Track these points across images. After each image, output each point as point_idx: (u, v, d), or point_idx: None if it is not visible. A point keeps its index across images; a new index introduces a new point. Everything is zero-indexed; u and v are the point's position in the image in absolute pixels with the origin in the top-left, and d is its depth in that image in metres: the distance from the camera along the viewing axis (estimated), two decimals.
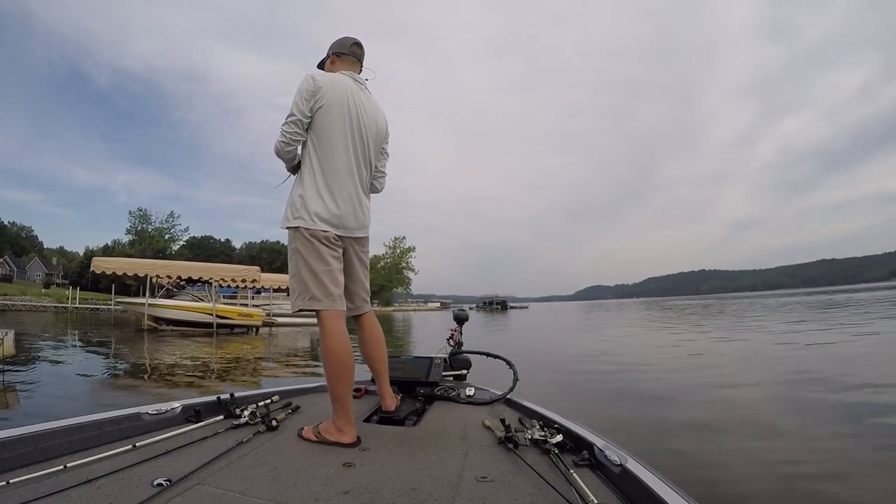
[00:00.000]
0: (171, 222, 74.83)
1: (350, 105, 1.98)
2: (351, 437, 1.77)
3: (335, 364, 1.84)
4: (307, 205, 1.90)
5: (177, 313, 17.79)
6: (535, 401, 2.26)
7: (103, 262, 18.08)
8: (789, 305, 30.09)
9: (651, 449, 3.56)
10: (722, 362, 8.05)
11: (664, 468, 1.35)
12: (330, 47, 2.19)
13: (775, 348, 9.31)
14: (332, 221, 1.92)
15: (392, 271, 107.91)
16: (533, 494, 1.32)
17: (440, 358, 2.71)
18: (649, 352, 10.15)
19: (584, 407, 5.12)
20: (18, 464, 1.42)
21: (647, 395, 5.63)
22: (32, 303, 34.91)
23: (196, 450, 1.63)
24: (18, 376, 6.86)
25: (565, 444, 1.67)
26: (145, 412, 1.88)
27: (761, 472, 3.12)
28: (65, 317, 27.84)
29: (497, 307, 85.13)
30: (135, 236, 72.39)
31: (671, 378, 6.63)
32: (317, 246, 1.90)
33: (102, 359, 9.77)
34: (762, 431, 4.01)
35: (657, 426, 4.27)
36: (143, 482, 1.34)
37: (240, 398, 2.15)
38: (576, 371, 7.68)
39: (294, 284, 1.93)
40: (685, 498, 1.16)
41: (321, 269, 1.89)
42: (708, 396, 5.44)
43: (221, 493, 1.30)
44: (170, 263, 19.73)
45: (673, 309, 35.67)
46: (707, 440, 3.85)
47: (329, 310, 1.89)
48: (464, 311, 3.44)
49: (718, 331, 14.38)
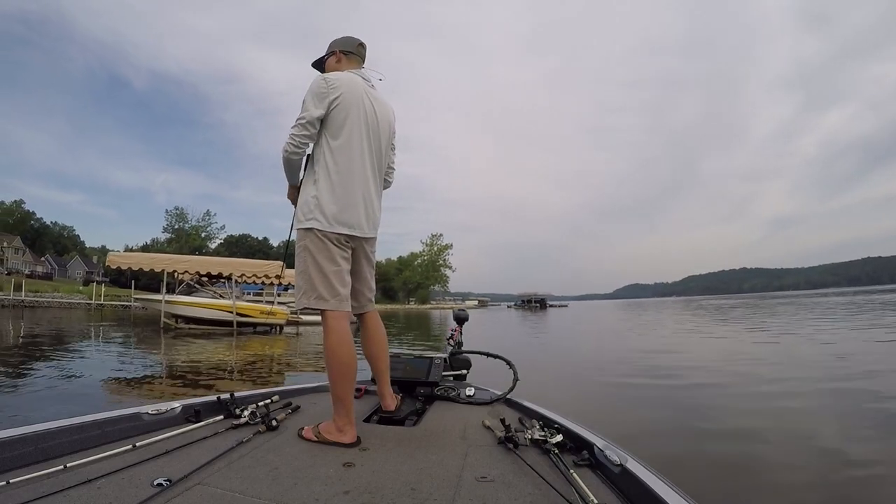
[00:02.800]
0: (207, 220, 77.82)
1: (366, 104, 2.03)
2: (351, 437, 1.80)
3: (338, 364, 1.89)
4: (322, 206, 1.93)
5: (195, 311, 17.02)
6: (540, 401, 2.25)
7: (119, 257, 17.57)
8: (845, 305, 28.28)
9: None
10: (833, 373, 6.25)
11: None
12: (333, 44, 2.24)
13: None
14: (347, 222, 1.96)
15: (429, 269, 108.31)
16: (533, 494, 1.33)
17: (440, 358, 2.72)
18: (741, 363, 8.25)
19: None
20: (18, 464, 1.44)
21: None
22: (65, 300, 35.66)
23: (196, 450, 1.65)
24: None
25: (565, 444, 1.69)
26: (145, 412, 1.90)
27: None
28: (89, 314, 28.15)
29: (536, 305, 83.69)
30: (172, 234, 74.83)
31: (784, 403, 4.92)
32: (328, 246, 1.94)
33: (96, 361, 8.63)
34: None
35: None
36: (143, 482, 1.36)
37: (240, 398, 2.17)
38: (651, 386, 6.07)
39: (300, 282, 1.97)
40: (685, 498, 1.16)
41: (331, 270, 1.94)
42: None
43: (221, 493, 1.32)
44: (187, 258, 18.99)
45: (721, 309, 33.40)
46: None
47: (335, 310, 1.94)
48: (463, 311, 3.45)
49: (788, 333, 12.33)
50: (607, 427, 2.61)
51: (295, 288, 2.06)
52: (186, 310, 17.07)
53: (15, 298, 31.33)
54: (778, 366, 7.33)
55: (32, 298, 33.61)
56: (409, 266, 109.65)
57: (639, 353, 9.53)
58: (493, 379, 2.75)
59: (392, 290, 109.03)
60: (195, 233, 75.77)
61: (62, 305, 33.26)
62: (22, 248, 73.37)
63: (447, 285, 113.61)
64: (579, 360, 9.04)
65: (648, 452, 2.60)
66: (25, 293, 33.33)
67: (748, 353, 9.09)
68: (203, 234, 76.55)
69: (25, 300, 32.42)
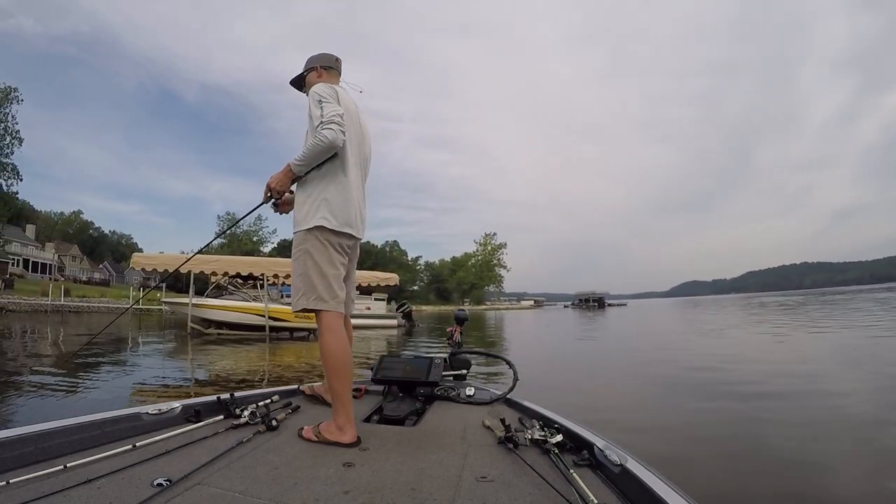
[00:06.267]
0: (258, 225, 79.23)
1: (355, 115, 2.24)
2: (351, 437, 1.84)
3: (335, 363, 1.97)
4: (331, 207, 2.05)
5: (224, 314, 15.83)
6: (543, 403, 2.26)
7: (143, 257, 16.54)
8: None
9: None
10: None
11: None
12: (311, 61, 2.39)
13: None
14: (350, 224, 2.10)
15: (483, 269, 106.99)
16: (533, 494, 1.36)
17: (440, 358, 2.75)
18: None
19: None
20: (18, 464, 1.47)
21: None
22: (111, 305, 36.39)
23: (196, 450, 1.68)
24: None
25: (565, 443, 1.71)
26: (145, 412, 1.94)
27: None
28: (132, 319, 28.06)
29: (593, 304, 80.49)
30: (224, 240, 77.16)
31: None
32: (329, 250, 2.06)
33: (96, 376, 7.03)
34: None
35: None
36: (143, 482, 1.39)
37: (240, 398, 2.21)
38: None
39: (299, 284, 2.07)
40: (685, 498, 1.18)
41: (331, 273, 2.05)
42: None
43: (221, 493, 1.35)
44: (215, 258, 17.81)
45: (789, 307, 30.20)
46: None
47: (333, 311, 2.04)
48: (463, 311, 3.53)
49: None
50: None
51: (292, 289, 2.14)
52: (214, 313, 15.93)
53: (53, 304, 32.10)
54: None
55: (77, 303, 34.52)
56: (462, 266, 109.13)
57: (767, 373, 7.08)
58: (493, 380, 3.04)
59: (446, 291, 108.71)
60: (247, 238, 77.53)
61: (109, 310, 33.92)
62: (80, 256, 77.30)
63: (502, 285, 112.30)
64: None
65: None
66: (66, 298, 34.33)
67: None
68: (255, 239, 78.08)
69: (69, 305, 33.27)
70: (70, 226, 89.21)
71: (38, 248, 65.94)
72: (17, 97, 40.70)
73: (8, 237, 49.27)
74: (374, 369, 2.67)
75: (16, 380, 6.50)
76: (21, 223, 65.95)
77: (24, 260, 61.00)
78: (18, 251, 59.23)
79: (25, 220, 69.83)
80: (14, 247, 56.76)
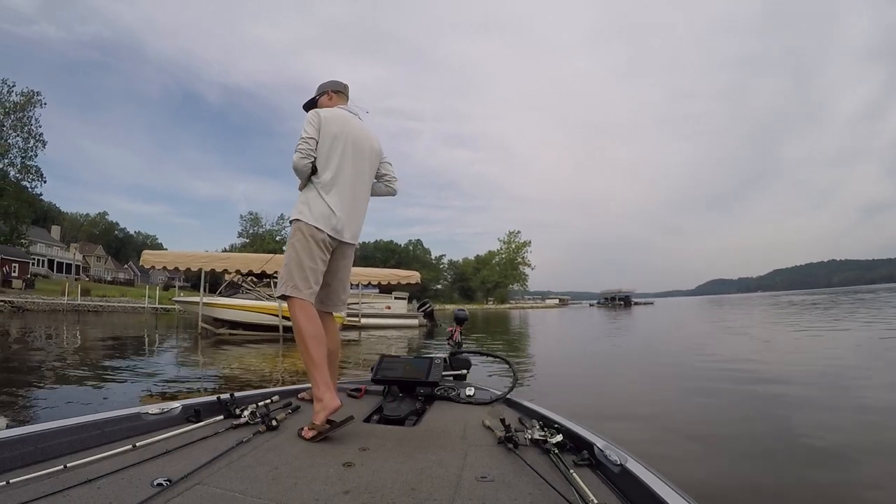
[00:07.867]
0: (280, 224, 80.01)
1: (347, 132, 2.43)
2: (333, 400, 1.94)
3: (309, 332, 2.13)
4: (311, 206, 2.30)
5: (235, 314, 15.32)
6: (542, 402, 2.28)
7: (152, 255, 16.15)
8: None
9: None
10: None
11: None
12: (323, 86, 2.69)
13: None
14: (328, 224, 2.29)
15: (507, 267, 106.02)
16: (533, 494, 1.34)
17: (440, 358, 2.77)
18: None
19: None
20: (18, 464, 1.46)
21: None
22: (130, 304, 36.65)
23: (196, 450, 1.68)
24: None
25: (565, 443, 1.70)
26: (145, 412, 1.94)
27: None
28: (152, 318, 28.35)
29: (620, 303, 77.80)
30: (247, 239, 77.94)
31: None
32: (311, 245, 2.26)
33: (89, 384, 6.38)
34: None
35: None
36: (143, 482, 1.37)
37: (240, 398, 2.22)
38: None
39: (283, 272, 2.26)
40: (685, 498, 1.17)
41: (308, 266, 2.24)
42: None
43: (221, 493, 1.34)
44: (227, 256, 17.53)
45: (820, 306, 28.08)
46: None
47: (304, 299, 2.20)
48: (463, 311, 3.52)
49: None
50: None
51: (279, 278, 2.31)
52: (225, 313, 15.44)
53: (70, 303, 32.28)
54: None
55: (96, 303, 34.78)
56: (486, 265, 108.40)
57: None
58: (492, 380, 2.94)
59: (470, 290, 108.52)
60: (269, 237, 78.12)
61: (126, 310, 34.24)
62: (104, 257, 79.18)
63: (526, 284, 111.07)
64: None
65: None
66: (84, 298, 34.70)
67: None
68: (277, 238, 78.63)
69: (87, 304, 33.49)
70: (96, 227, 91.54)
71: (62, 248, 67.54)
72: (39, 101, 41.60)
73: (32, 238, 50.25)
74: (374, 369, 2.65)
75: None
76: (46, 224, 67.56)
77: (49, 260, 62.47)
78: (43, 252, 60.62)
79: (51, 221, 71.78)
80: (39, 247, 58.07)
